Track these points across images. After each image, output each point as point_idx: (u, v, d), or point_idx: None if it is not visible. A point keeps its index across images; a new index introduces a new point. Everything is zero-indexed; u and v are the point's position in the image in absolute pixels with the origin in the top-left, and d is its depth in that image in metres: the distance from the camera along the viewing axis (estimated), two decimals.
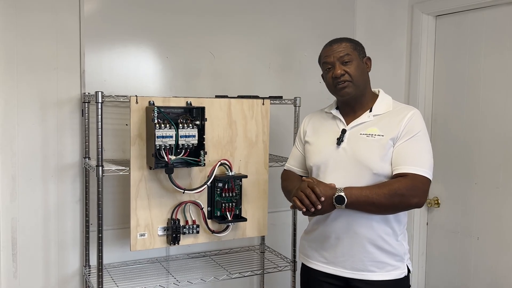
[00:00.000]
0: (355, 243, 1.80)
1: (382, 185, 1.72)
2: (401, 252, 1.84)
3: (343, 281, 1.86)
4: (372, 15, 3.01)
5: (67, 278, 2.36)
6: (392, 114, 1.83)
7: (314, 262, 1.93)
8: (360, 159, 1.78)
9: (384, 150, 1.76)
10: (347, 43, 1.86)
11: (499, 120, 2.63)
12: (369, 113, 1.85)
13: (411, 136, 1.76)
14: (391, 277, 1.81)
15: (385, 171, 1.76)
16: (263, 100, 2.29)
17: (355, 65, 1.83)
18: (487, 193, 2.70)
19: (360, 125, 1.84)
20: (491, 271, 2.70)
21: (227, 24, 2.60)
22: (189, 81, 2.53)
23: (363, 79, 1.86)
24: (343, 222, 1.81)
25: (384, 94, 1.92)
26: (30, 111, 2.24)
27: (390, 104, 1.87)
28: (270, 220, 2.49)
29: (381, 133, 1.79)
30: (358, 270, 1.81)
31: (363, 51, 1.90)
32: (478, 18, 2.75)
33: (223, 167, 2.19)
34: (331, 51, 1.86)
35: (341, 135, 1.84)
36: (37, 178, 2.27)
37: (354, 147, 1.81)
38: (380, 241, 1.79)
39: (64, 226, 2.34)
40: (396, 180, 1.72)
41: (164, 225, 2.14)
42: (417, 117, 1.80)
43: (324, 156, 1.86)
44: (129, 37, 2.39)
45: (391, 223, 1.80)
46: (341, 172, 1.80)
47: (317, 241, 1.91)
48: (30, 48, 2.21)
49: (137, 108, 2.02)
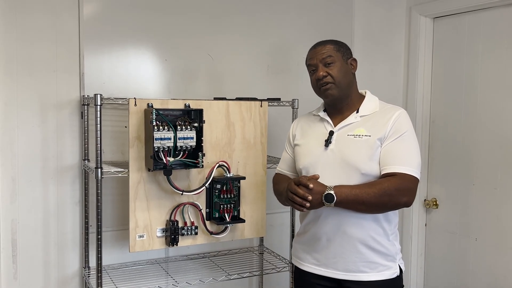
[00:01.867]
0: (346, 244, 1.81)
1: (372, 184, 1.74)
2: (393, 252, 1.85)
3: (336, 282, 1.87)
4: (370, 17, 3.02)
5: (67, 279, 2.37)
6: (379, 115, 1.84)
7: (307, 265, 1.94)
8: (348, 160, 1.79)
9: (371, 150, 1.78)
10: (331, 45, 1.87)
11: (497, 121, 2.64)
12: (356, 114, 1.87)
13: (398, 135, 1.78)
14: (383, 277, 1.82)
15: (374, 171, 1.78)
16: (261, 102, 2.31)
17: (337, 66, 1.84)
18: (486, 194, 2.71)
19: (347, 126, 1.86)
20: (489, 272, 2.70)
21: (226, 26, 2.62)
22: (187, 83, 2.54)
23: (346, 80, 1.86)
24: (333, 223, 1.82)
25: (371, 95, 1.94)
26: (30, 113, 2.25)
27: (377, 104, 1.89)
28: (268, 221, 2.50)
29: (368, 133, 1.80)
30: (350, 271, 1.82)
31: (348, 52, 1.91)
32: (476, 20, 2.76)
33: (221, 168, 2.21)
34: (315, 53, 1.88)
35: (329, 137, 1.86)
36: (37, 179, 2.28)
37: (342, 148, 1.82)
38: (372, 242, 1.80)
39: (63, 227, 2.35)
40: (386, 180, 1.73)
41: (163, 227, 2.15)
42: (403, 117, 1.82)
43: (313, 158, 1.88)
44: (128, 40, 2.40)
45: (381, 223, 1.82)
46: (330, 173, 1.81)
47: (309, 243, 1.92)
48: (30, 50, 2.23)
49: (136, 111, 2.03)
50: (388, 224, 1.84)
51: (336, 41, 1.91)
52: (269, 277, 2.72)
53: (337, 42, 1.90)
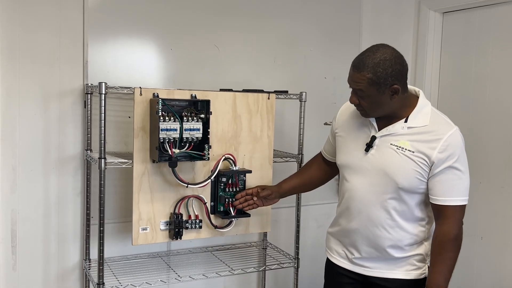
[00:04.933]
0: (373, 243, 1.79)
1: (444, 251, 1.72)
2: (423, 252, 1.81)
3: (363, 277, 1.85)
4: (378, 10, 2.97)
5: (67, 272, 2.33)
6: (428, 132, 1.70)
7: (335, 257, 1.93)
8: (387, 171, 1.72)
9: (413, 167, 1.69)
10: (367, 75, 1.63)
11: (506, 118, 2.60)
12: (404, 123, 1.73)
13: (449, 164, 1.67)
14: (410, 276, 1.79)
15: (411, 187, 1.71)
16: (269, 94, 2.26)
17: (369, 101, 1.69)
18: (492, 193, 2.67)
19: (391, 135, 1.74)
20: (494, 271, 2.67)
21: (233, 17, 2.57)
22: (193, 74, 2.49)
23: (381, 109, 1.72)
24: (363, 221, 1.79)
25: (424, 100, 1.76)
26: (32, 102, 2.20)
27: (428, 116, 1.73)
28: (273, 217, 2.46)
29: (412, 149, 1.69)
30: (377, 268, 1.81)
31: (387, 81, 1.64)
32: (486, 15, 2.71)
33: (227, 161, 2.16)
34: (350, 77, 1.72)
35: (371, 141, 1.77)
36: (38, 169, 2.24)
37: (382, 157, 1.74)
38: (400, 244, 1.77)
39: (64, 219, 2.31)
40: (446, 240, 1.71)
41: (167, 220, 2.11)
42: (455, 139, 1.69)
43: (352, 159, 1.81)
44: (133, 28, 2.35)
45: (410, 231, 1.78)
46: (366, 178, 1.76)
47: (339, 236, 1.91)
48: (32, 38, 2.18)
49: (141, 100, 1.99)
50: (419, 231, 1.80)
51: (375, 69, 1.63)
52: (272, 272, 2.69)
53: (376, 71, 1.63)
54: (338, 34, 2.86)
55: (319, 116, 2.72)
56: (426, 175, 1.70)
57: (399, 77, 1.67)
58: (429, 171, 1.69)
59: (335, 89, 2.84)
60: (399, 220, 1.74)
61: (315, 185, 2.14)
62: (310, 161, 2.15)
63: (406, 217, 1.75)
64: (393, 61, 1.64)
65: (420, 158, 1.68)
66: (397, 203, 1.73)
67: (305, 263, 2.62)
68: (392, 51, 1.67)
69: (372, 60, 1.63)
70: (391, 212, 1.74)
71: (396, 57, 1.66)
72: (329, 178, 2.12)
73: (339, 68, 2.78)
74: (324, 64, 2.82)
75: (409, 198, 1.73)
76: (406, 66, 1.70)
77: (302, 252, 2.52)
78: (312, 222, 2.87)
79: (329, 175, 2.10)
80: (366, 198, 1.76)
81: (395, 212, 1.74)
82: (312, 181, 2.11)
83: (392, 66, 1.63)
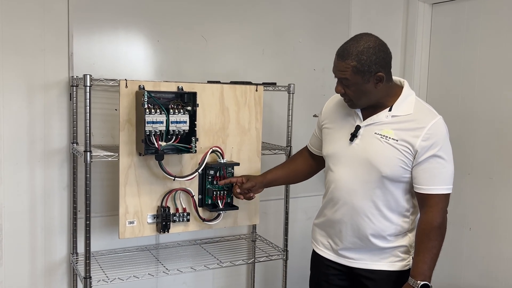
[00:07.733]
0: (358, 234, 1.79)
1: (429, 240, 1.71)
2: (408, 243, 1.81)
3: (348, 269, 1.86)
4: (367, 1, 2.95)
5: (54, 266, 2.31)
6: (411, 120, 1.71)
7: (321, 248, 1.94)
8: (370, 160, 1.72)
9: (396, 155, 1.69)
10: (351, 63, 1.64)
11: (494, 109, 2.61)
12: (388, 112, 1.73)
13: (433, 153, 1.67)
14: (395, 268, 1.80)
15: (394, 176, 1.71)
16: (257, 86, 2.24)
17: (354, 89, 1.70)
18: (480, 184, 2.68)
19: (376, 123, 1.75)
20: (483, 262, 2.69)
21: (220, 8, 2.54)
22: (180, 65, 2.47)
23: (367, 97, 1.72)
24: (347, 213, 1.79)
25: (408, 90, 1.77)
26: (16, 94, 2.17)
27: (412, 105, 1.73)
28: (262, 209, 2.46)
29: (395, 137, 1.70)
30: (362, 260, 1.81)
31: (371, 69, 1.65)
32: (475, 7, 2.70)
33: (214, 154, 2.15)
34: (334, 66, 1.73)
35: (355, 131, 1.77)
36: (23, 163, 2.21)
37: (366, 146, 1.74)
38: (384, 234, 1.77)
39: (51, 212, 2.28)
40: (431, 227, 1.71)
41: (154, 213, 2.09)
42: (438, 128, 1.69)
43: (337, 149, 1.82)
44: (119, 19, 2.32)
45: (395, 221, 1.78)
46: (351, 168, 1.77)
47: (325, 228, 1.91)
48: (16, 29, 2.14)
49: (127, 93, 1.96)
50: (403, 221, 1.79)
51: (359, 57, 1.64)
52: (261, 265, 2.68)
53: (360, 59, 1.64)
54: (327, 26, 2.84)
55: (308, 108, 2.71)
56: (410, 164, 1.71)
57: (383, 65, 1.68)
58: (413, 160, 1.70)
59: (324, 80, 2.83)
60: (383, 210, 1.75)
61: (299, 179, 2.14)
62: (296, 154, 2.15)
63: (391, 207, 1.75)
64: (377, 49, 1.66)
65: (403, 146, 1.69)
66: (382, 192, 1.73)
67: (294, 255, 2.62)
68: (375, 39, 1.68)
69: (355, 48, 1.65)
70: (376, 201, 1.74)
71: (379, 44, 1.67)
72: (314, 172, 2.12)
73: (328, 59, 2.70)
74: (313, 55, 2.80)
75: (394, 187, 1.73)
76: (390, 54, 1.71)
77: (291, 244, 2.52)
78: (301, 214, 2.87)
79: (314, 169, 2.10)
80: (351, 187, 1.77)
81: (379, 201, 1.74)
82: (297, 174, 2.11)
83: (376, 54, 1.65)
